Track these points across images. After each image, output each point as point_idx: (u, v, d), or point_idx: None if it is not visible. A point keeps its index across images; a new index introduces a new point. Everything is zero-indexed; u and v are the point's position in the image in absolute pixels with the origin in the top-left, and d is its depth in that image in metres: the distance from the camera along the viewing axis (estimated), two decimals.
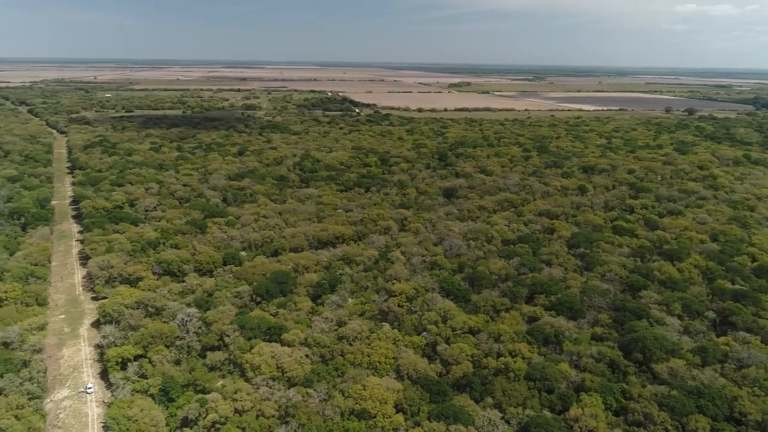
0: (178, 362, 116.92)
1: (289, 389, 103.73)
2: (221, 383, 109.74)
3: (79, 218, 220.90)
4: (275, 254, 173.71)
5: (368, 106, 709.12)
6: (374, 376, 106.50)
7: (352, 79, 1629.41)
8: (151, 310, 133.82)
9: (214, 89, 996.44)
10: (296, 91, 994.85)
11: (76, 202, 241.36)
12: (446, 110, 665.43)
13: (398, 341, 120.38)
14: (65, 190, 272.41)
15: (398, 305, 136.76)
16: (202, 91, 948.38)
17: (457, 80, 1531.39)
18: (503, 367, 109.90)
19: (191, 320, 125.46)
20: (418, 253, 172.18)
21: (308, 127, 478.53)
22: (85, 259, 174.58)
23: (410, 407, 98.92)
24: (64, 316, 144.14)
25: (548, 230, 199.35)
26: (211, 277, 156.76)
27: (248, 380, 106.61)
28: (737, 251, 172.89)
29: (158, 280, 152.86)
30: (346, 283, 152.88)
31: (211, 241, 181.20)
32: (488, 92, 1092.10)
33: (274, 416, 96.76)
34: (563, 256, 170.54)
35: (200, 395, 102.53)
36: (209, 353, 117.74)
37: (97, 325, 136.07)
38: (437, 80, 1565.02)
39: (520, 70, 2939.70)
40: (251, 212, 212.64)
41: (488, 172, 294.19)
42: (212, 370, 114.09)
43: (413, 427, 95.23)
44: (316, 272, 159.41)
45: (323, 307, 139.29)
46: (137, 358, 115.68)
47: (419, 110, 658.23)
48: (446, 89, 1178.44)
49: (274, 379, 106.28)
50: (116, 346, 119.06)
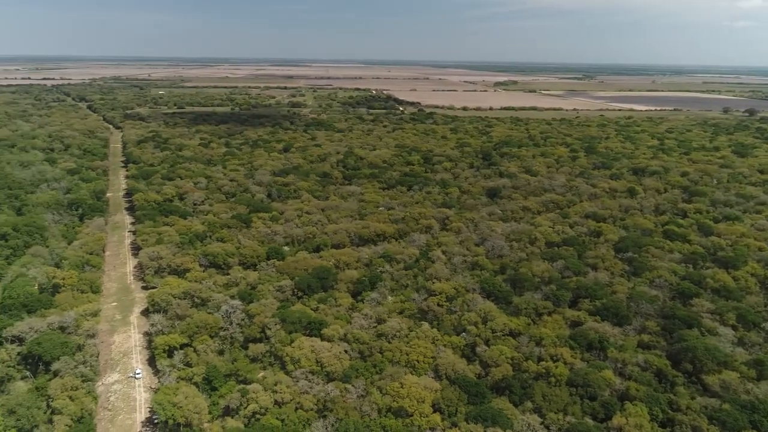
0: (221, 352, 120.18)
1: (327, 384, 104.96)
2: (262, 375, 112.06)
3: (131, 210, 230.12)
4: (317, 250, 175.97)
5: (412, 104, 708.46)
6: (412, 374, 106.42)
7: (396, 77, 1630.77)
8: (197, 300, 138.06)
9: (261, 87, 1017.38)
10: (341, 89, 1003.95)
11: (129, 194, 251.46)
12: (491, 109, 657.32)
13: (437, 341, 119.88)
14: (119, 182, 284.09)
15: (438, 304, 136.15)
16: (249, 88, 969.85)
17: (503, 79, 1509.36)
18: (544, 371, 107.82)
19: (235, 312, 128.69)
20: (459, 252, 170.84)
21: (352, 124, 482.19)
22: (136, 249, 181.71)
23: (448, 407, 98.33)
24: (116, 303, 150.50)
25: (595, 233, 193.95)
26: (254, 270, 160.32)
27: (288, 373, 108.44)
28: None
29: (204, 272, 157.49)
30: (386, 280, 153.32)
31: (255, 235, 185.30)
32: (535, 91, 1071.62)
33: (312, 409, 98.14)
34: (610, 260, 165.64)
35: (242, 386, 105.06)
36: (251, 345, 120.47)
37: (146, 313, 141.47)
38: (483, 79, 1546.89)
39: (569, 68, 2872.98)
40: (295, 208, 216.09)
41: (533, 172, 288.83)
42: (254, 361, 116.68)
43: (450, 427, 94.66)
44: (356, 269, 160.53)
45: (363, 303, 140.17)
46: (183, 346, 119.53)
47: (464, 109, 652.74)
48: (492, 88, 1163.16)
49: (313, 373, 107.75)
50: (164, 334, 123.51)
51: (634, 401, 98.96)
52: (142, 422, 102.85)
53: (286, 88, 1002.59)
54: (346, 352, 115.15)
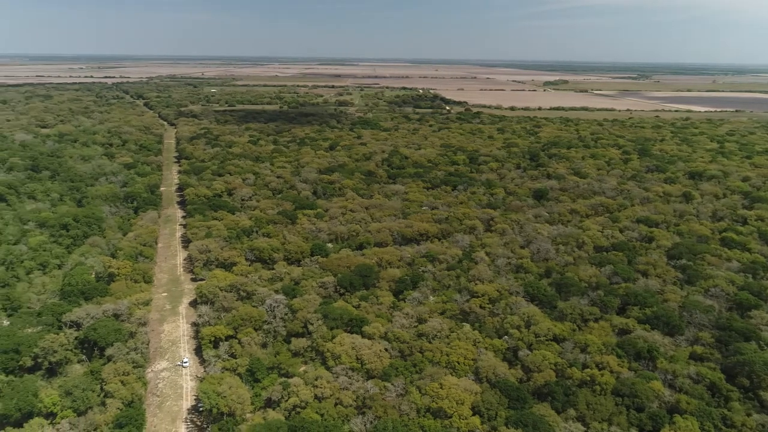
0: (264, 345, 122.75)
1: (367, 381, 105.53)
2: (303, 369, 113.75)
3: (183, 204, 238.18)
4: (360, 248, 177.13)
5: (459, 103, 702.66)
6: (452, 375, 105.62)
7: (443, 76, 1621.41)
8: (242, 294, 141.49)
9: (309, 85, 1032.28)
10: (388, 88, 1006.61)
11: (181, 189, 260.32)
12: (540, 109, 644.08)
13: (478, 343, 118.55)
14: (172, 177, 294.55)
15: (480, 306, 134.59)
16: (298, 87, 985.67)
17: (553, 78, 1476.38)
18: (589, 379, 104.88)
19: (278, 306, 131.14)
20: (503, 254, 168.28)
21: (398, 123, 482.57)
22: (186, 242, 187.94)
23: (487, 411, 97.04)
24: (166, 293, 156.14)
25: (646, 239, 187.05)
26: (298, 266, 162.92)
27: (329, 368, 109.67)
28: None
29: (250, 266, 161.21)
30: (428, 280, 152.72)
31: (300, 231, 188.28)
32: (586, 91, 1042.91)
33: (351, 406, 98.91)
34: (662, 267, 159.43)
35: (283, 379, 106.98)
36: (293, 339, 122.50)
37: (194, 304, 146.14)
38: (532, 78, 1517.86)
39: (623, 67, 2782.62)
40: (339, 206, 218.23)
41: (582, 174, 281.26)
42: (296, 355, 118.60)
43: (489, 431, 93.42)
44: (399, 268, 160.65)
45: (404, 302, 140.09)
46: (228, 338, 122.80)
47: (511, 108, 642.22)
48: (541, 87, 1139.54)
49: (353, 369, 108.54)
50: (210, 325, 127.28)
51: (684, 415, 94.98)
52: (188, 409, 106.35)
53: (333, 86, 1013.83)
54: (386, 350, 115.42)
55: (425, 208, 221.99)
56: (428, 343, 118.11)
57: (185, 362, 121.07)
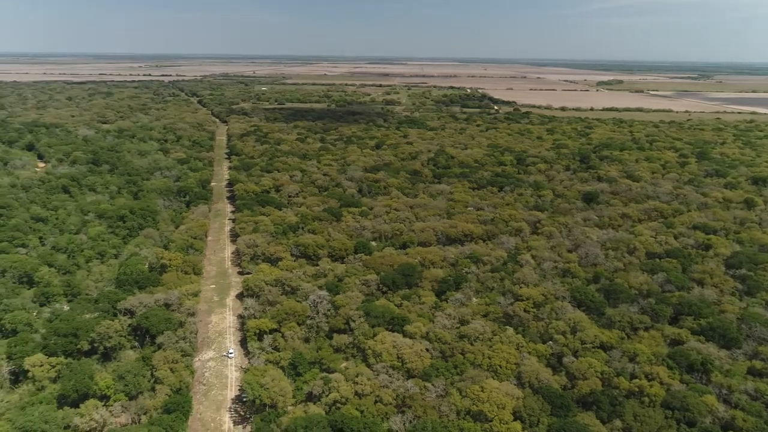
0: (307, 340, 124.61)
1: (407, 380, 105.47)
2: (344, 365, 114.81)
3: (232, 199, 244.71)
4: (403, 247, 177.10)
5: (507, 103, 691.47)
6: (494, 379, 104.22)
7: (492, 75, 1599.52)
8: (287, 288, 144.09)
9: (357, 84, 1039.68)
10: (435, 87, 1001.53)
11: (230, 184, 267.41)
12: (592, 109, 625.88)
13: (522, 347, 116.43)
14: (222, 173, 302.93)
15: (524, 310, 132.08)
16: (346, 85, 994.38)
17: (606, 78, 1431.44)
18: (637, 389, 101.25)
19: (322, 302, 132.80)
20: (549, 258, 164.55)
21: (445, 123, 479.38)
22: (234, 236, 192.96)
23: (529, 416, 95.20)
24: (214, 286, 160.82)
25: (703, 246, 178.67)
26: (342, 263, 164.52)
27: (369, 366, 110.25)
28: None
29: (295, 261, 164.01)
30: (471, 281, 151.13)
31: (344, 229, 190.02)
32: (642, 91, 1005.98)
33: (391, 404, 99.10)
34: (719, 276, 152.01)
35: (325, 374, 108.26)
36: (335, 335, 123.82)
37: (240, 297, 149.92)
38: (584, 78, 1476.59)
39: (682, 67, 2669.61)
40: (384, 204, 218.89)
41: (636, 177, 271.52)
42: (337, 351, 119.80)
43: None
44: (442, 268, 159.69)
45: (447, 303, 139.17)
46: (272, 331, 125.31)
47: (562, 109, 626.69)
48: (594, 87, 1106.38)
49: (393, 368, 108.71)
50: (255, 318, 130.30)
51: None
52: (232, 399, 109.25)
53: (381, 85, 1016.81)
54: (427, 350, 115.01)
55: (470, 208, 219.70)
56: (470, 345, 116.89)
57: (231, 353, 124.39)
